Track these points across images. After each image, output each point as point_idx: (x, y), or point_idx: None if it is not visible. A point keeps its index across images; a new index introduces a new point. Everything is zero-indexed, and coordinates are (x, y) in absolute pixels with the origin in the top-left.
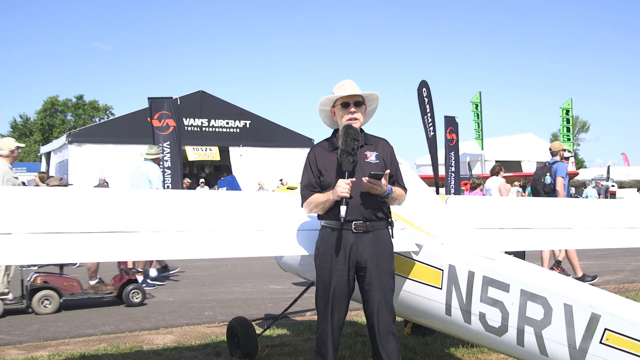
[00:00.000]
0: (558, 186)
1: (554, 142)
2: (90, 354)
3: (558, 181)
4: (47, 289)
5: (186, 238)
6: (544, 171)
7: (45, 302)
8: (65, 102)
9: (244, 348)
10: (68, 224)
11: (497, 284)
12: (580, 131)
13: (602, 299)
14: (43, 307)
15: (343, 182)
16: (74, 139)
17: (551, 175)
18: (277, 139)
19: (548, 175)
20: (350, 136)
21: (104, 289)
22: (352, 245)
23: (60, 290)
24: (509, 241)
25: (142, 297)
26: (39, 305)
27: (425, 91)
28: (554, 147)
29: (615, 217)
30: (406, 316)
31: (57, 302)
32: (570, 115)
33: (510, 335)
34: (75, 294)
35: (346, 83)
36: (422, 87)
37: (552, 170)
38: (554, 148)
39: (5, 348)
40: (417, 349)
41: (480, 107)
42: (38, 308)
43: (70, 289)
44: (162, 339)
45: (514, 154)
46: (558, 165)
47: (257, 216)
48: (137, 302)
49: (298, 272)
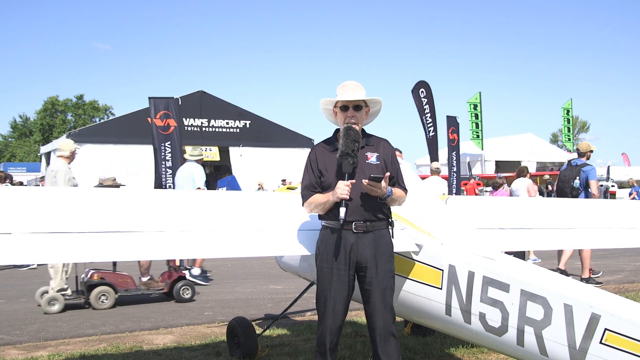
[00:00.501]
0: (593, 189)
1: (582, 143)
2: (90, 354)
3: (592, 185)
4: (103, 285)
5: (187, 238)
6: (572, 174)
7: (102, 298)
8: (65, 102)
9: (244, 348)
10: (68, 224)
11: (497, 284)
12: (580, 131)
13: (602, 299)
14: (100, 302)
15: (343, 184)
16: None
17: (580, 178)
18: (277, 139)
19: (577, 179)
20: (350, 138)
21: (155, 285)
22: (353, 245)
23: (116, 286)
24: (509, 241)
25: (192, 294)
26: (96, 300)
27: (423, 92)
28: (582, 148)
29: (615, 217)
30: (406, 316)
31: (114, 298)
32: (570, 115)
33: (510, 335)
34: (129, 290)
35: (348, 84)
36: (420, 88)
37: (583, 173)
38: (582, 149)
39: (5, 348)
40: (417, 349)
41: (480, 107)
42: (96, 303)
43: (124, 285)
44: (162, 339)
45: (514, 154)
46: (589, 168)
47: (257, 216)
48: (187, 298)
49: (298, 272)
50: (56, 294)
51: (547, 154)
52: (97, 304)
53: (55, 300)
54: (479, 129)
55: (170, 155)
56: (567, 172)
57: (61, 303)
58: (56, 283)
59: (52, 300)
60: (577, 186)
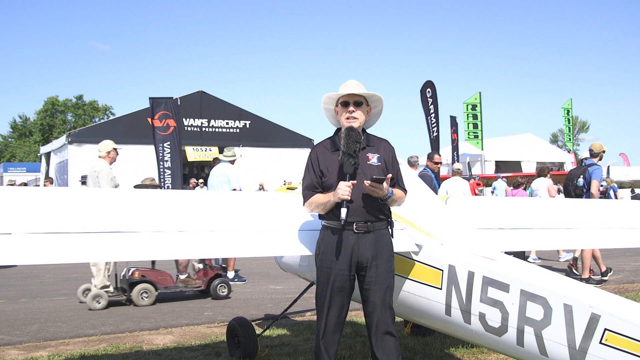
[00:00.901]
0: (593, 189)
1: (595, 143)
2: (90, 354)
3: (593, 184)
4: (145, 283)
5: (187, 238)
6: (578, 172)
7: (143, 295)
8: (65, 102)
9: (244, 348)
10: (68, 224)
11: (497, 284)
12: (580, 131)
13: (602, 299)
14: (142, 299)
15: (344, 184)
16: (74, 139)
17: (585, 177)
18: (277, 139)
19: (581, 178)
20: (351, 138)
21: (193, 283)
22: (354, 245)
23: (156, 283)
24: (509, 241)
25: (228, 291)
26: (138, 297)
27: (429, 92)
28: (596, 149)
29: (615, 217)
30: (406, 316)
31: (154, 295)
32: (570, 115)
33: (510, 335)
34: (168, 288)
35: (349, 83)
36: (427, 88)
37: (587, 173)
38: (595, 149)
39: (5, 348)
40: (417, 349)
41: (480, 107)
42: (138, 300)
43: (164, 283)
44: (162, 339)
45: (514, 154)
46: (594, 169)
47: (257, 216)
48: (223, 295)
49: (298, 272)
50: (100, 291)
51: (547, 154)
52: (139, 301)
53: (99, 297)
54: (477, 130)
55: (169, 155)
56: (574, 171)
57: (105, 300)
58: (99, 280)
59: (97, 297)
60: (580, 185)
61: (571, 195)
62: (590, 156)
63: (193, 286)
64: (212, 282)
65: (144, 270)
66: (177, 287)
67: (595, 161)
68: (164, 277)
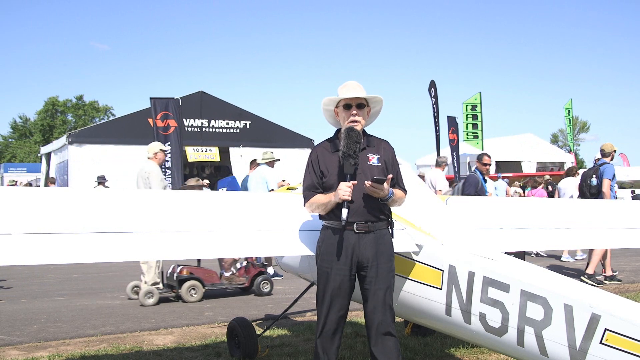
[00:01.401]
0: (604, 187)
1: (606, 144)
2: (91, 354)
3: (604, 183)
4: (193, 280)
5: (187, 238)
6: (590, 172)
7: (192, 292)
8: (65, 102)
9: (244, 348)
10: (68, 225)
11: (497, 284)
12: (581, 131)
13: (602, 299)
14: (190, 295)
15: (345, 185)
16: (74, 140)
17: (597, 176)
18: (277, 140)
19: (594, 177)
20: (352, 139)
21: (237, 280)
22: (354, 245)
23: (203, 280)
24: (509, 241)
25: (271, 288)
26: (187, 294)
27: (433, 91)
28: (607, 148)
29: (615, 217)
30: (406, 316)
31: (202, 292)
32: (570, 115)
33: (511, 335)
34: (214, 285)
35: (350, 84)
36: (431, 87)
37: (599, 172)
38: (606, 149)
39: (5, 348)
40: (417, 350)
41: (481, 107)
42: (186, 296)
43: (210, 280)
44: (162, 339)
45: (514, 154)
46: (606, 167)
47: (257, 216)
48: (266, 292)
49: (298, 272)
50: (151, 288)
51: (548, 154)
52: (188, 297)
53: (151, 293)
54: (477, 130)
55: (170, 155)
56: (587, 172)
57: (156, 296)
58: (150, 277)
59: (149, 293)
60: (594, 184)
61: (586, 196)
62: (602, 156)
63: (237, 283)
64: (255, 279)
65: (191, 267)
66: (222, 284)
67: (607, 161)
68: (210, 275)
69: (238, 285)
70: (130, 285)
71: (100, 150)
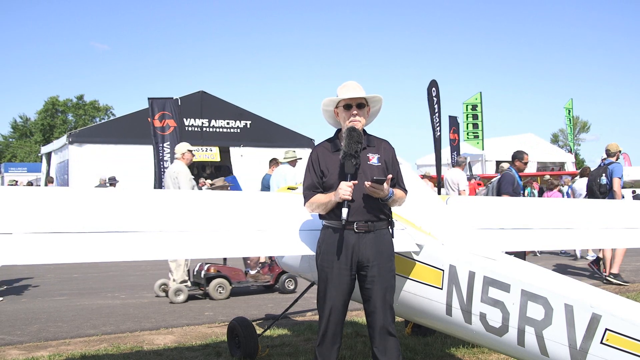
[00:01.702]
0: (615, 187)
1: (611, 144)
2: (91, 354)
3: (615, 182)
4: (220, 277)
5: (188, 238)
6: (599, 172)
7: (219, 289)
8: (65, 102)
9: (245, 348)
10: (68, 224)
11: (498, 284)
12: (581, 131)
13: (603, 299)
14: (218, 293)
15: (345, 184)
16: (75, 140)
17: (607, 175)
18: (277, 139)
19: (604, 176)
20: (353, 139)
21: (262, 278)
22: (354, 245)
23: (230, 278)
24: (510, 241)
25: (295, 286)
26: (215, 291)
27: (434, 91)
28: (612, 148)
29: (616, 217)
30: (407, 316)
31: (229, 289)
32: (571, 115)
33: (511, 335)
34: (241, 282)
35: (349, 84)
36: (432, 87)
37: (608, 171)
38: (612, 149)
39: (6, 348)
40: (418, 349)
41: (481, 107)
42: (214, 294)
43: (237, 278)
44: (163, 339)
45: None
46: (614, 166)
47: (258, 216)
48: (290, 289)
49: (298, 271)
50: (181, 285)
51: (548, 154)
52: (215, 295)
53: (180, 291)
54: (477, 130)
55: (169, 155)
56: (596, 171)
57: (185, 294)
58: (179, 275)
59: (178, 291)
60: (604, 183)
61: (596, 195)
62: (607, 156)
63: (262, 281)
64: (279, 277)
65: (218, 266)
66: (248, 282)
67: (614, 160)
68: (236, 273)
69: (263, 283)
70: (158, 283)
71: (100, 150)
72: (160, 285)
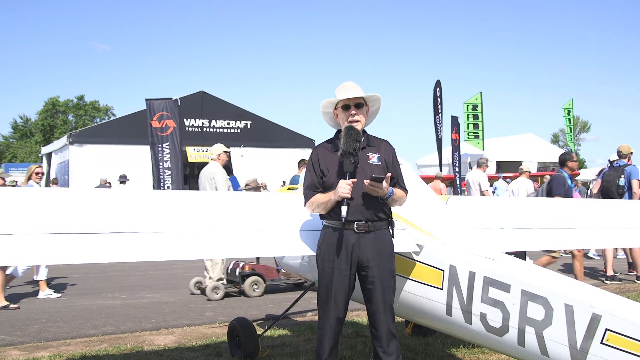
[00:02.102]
0: (634, 188)
1: (623, 145)
2: (91, 354)
3: (634, 184)
4: (255, 275)
5: (188, 238)
6: (617, 173)
7: (254, 287)
8: (66, 102)
9: (245, 348)
10: (69, 225)
11: (498, 284)
12: (581, 131)
13: (603, 299)
14: (253, 290)
15: (344, 182)
16: (75, 140)
17: (625, 177)
18: (278, 140)
19: (622, 177)
20: (351, 137)
21: (294, 276)
22: (354, 245)
23: (264, 276)
24: (510, 241)
25: None
26: (250, 289)
27: (439, 91)
28: (624, 150)
29: (616, 217)
30: (407, 316)
31: (263, 287)
32: (571, 115)
33: (511, 335)
34: (274, 280)
35: (347, 85)
36: (437, 87)
37: (626, 173)
38: (623, 151)
39: (6, 349)
40: (418, 350)
41: (482, 107)
42: (249, 291)
43: (271, 275)
44: (163, 339)
45: (515, 154)
46: (631, 168)
47: (258, 216)
48: None
49: (299, 272)
50: (218, 283)
51: (548, 154)
52: (251, 292)
53: (217, 288)
54: (478, 130)
55: (169, 156)
56: (611, 173)
57: (222, 291)
58: (216, 273)
59: (215, 288)
60: (622, 184)
61: (613, 196)
62: (619, 158)
63: (295, 279)
64: None
65: (252, 264)
66: (280, 280)
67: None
68: (270, 271)
69: (294, 281)
70: (193, 281)
71: (101, 150)
72: (195, 283)
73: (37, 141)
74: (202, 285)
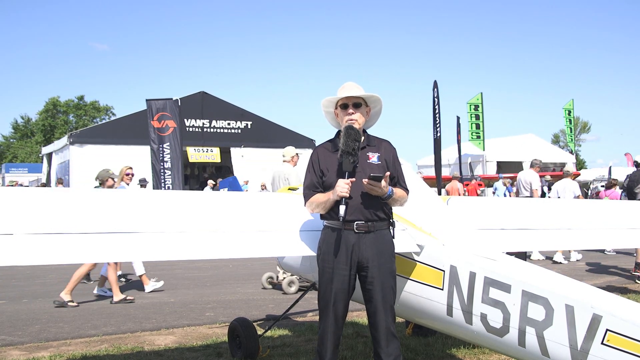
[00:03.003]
0: None
1: None
2: (92, 354)
3: None
4: None
5: (188, 239)
6: None
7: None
8: (66, 102)
9: (245, 349)
10: (69, 225)
11: (499, 284)
12: (582, 132)
13: (604, 299)
14: (289, 288)
15: (343, 182)
16: (76, 140)
17: None
18: (278, 140)
19: None
20: (350, 137)
21: None
22: (354, 245)
23: None
24: (510, 242)
25: None
26: (287, 287)
27: (436, 91)
28: None
29: (616, 217)
30: (407, 317)
31: (297, 285)
32: (571, 115)
33: (512, 336)
34: None
35: (347, 85)
36: (434, 88)
37: None
38: None
39: (6, 349)
40: (419, 350)
41: (482, 108)
42: (287, 289)
43: None
44: (164, 339)
45: (515, 154)
46: None
47: (258, 217)
48: None
49: (299, 272)
50: (293, 277)
51: (549, 155)
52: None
53: (292, 282)
54: (479, 130)
55: (169, 156)
56: (638, 173)
57: (297, 285)
58: None
59: (291, 282)
60: None
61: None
62: None
63: None
64: None
65: None
66: None
67: None
68: None
69: None
70: (265, 276)
71: (101, 151)
72: (267, 278)
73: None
74: (274, 280)
